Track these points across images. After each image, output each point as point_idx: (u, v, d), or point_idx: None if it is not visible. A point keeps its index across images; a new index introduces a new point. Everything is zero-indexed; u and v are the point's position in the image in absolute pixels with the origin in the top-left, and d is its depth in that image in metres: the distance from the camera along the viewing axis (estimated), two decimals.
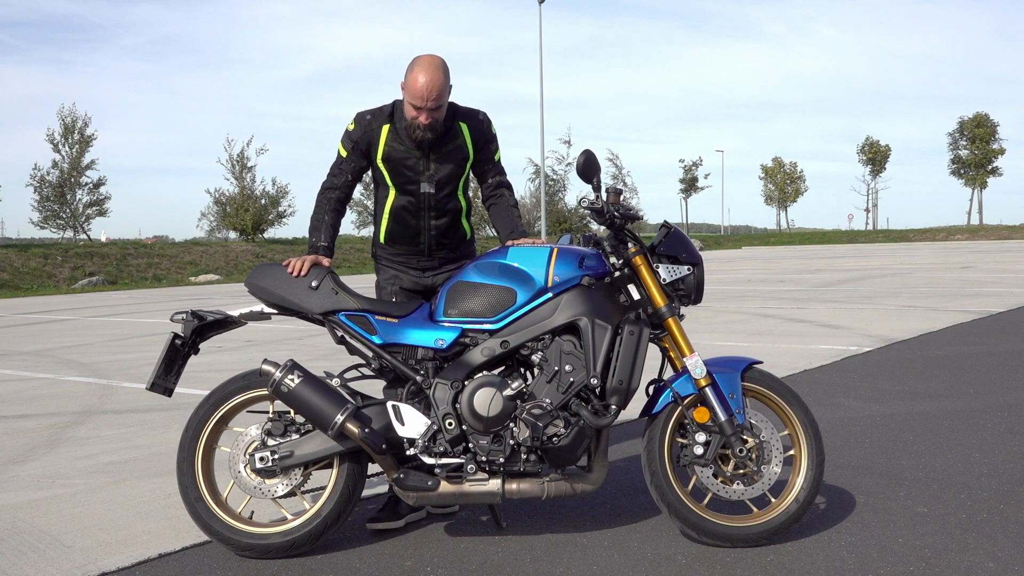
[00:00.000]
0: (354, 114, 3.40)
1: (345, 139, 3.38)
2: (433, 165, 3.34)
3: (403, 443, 3.03)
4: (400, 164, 3.35)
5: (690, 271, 3.14)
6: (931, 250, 36.78)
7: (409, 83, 3.21)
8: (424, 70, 3.19)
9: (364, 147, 3.36)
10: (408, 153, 3.33)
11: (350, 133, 3.37)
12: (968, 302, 11.93)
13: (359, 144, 3.36)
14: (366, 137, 3.35)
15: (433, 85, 3.18)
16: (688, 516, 3.03)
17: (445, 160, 3.36)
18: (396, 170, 3.36)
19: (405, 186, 3.37)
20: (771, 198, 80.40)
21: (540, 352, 3.03)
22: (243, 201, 34.84)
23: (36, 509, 3.67)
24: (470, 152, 3.41)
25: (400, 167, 3.35)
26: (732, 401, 3.03)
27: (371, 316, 3.13)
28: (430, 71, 3.20)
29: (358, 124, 3.36)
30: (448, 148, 3.36)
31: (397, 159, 3.34)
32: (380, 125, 3.34)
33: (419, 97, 3.18)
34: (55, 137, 35.15)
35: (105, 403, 6.12)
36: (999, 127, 71.96)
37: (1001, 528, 3.18)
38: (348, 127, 3.38)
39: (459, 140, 3.38)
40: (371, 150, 3.36)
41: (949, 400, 5.47)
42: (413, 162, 3.34)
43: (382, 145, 3.34)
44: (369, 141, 3.35)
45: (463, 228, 3.49)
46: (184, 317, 3.15)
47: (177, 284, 25.29)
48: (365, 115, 3.37)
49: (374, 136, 3.34)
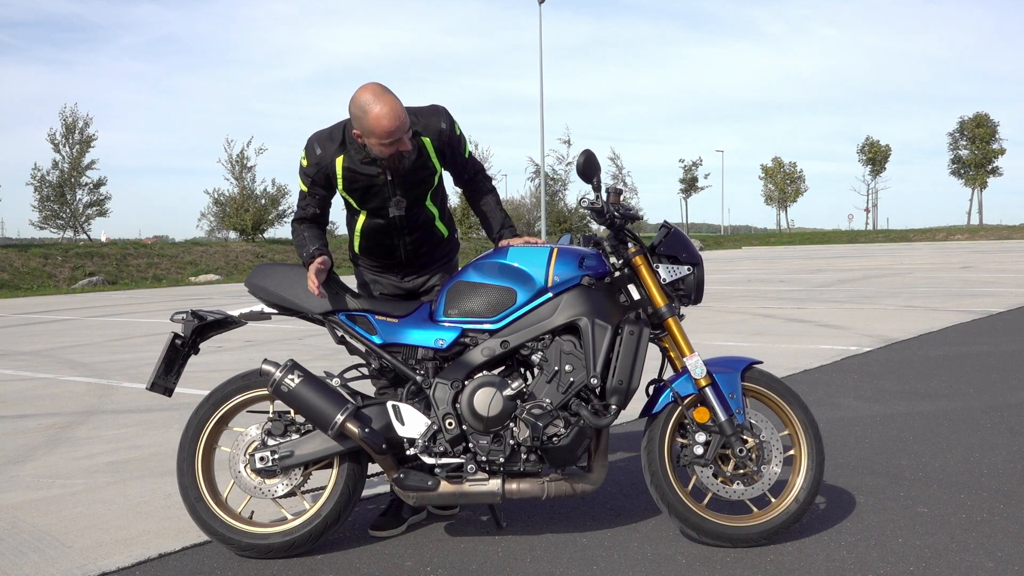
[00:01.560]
0: (304, 142, 3.18)
1: (301, 174, 3.20)
2: (399, 190, 3.18)
3: (403, 443, 3.03)
4: (364, 192, 3.19)
5: (690, 271, 3.14)
6: (931, 250, 36.77)
7: (372, 126, 2.95)
8: (379, 103, 2.94)
9: (322, 180, 3.18)
10: (370, 181, 3.15)
11: (304, 169, 3.18)
12: (968, 302, 11.93)
13: (316, 178, 3.17)
14: (322, 171, 3.15)
15: (396, 113, 2.95)
16: (688, 516, 3.03)
17: (410, 182, 3.19)
18: (362, 198, 3.21)
19: (374, 210, 3.24)
20: (771, 198, 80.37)
21: (540, 352, 3.03)
22: (243, 201, 34.85)
23: (36, 509, 3.67)
24: (436, 166, 3.22)
25: (365, 195, 3.20)
26: (732, 401, 3.03)
27: (371, 316, 3.13)
28: (384, 101, 2.94)
29: (309, 157, 3.15)
30: (412, 168, 3.16)
31: (360, 188, 3.18)
32: (333, 157, 3.13)
33: (391, 132, 2.96)
34: (56, 137, 35.17)
35: (105, 403, 6.12)
36: (999, 127, 71.94)
37: (1001, 528, 3.18)
38: (301, 160, 3.18)
39: (423, 157, 3.16)
40: (330, 181, 3.18)
41: (949, 400, 5.47)
42: (377, 189, 3.17)
43: (339, 177, 3.16)
44: (326, 174, 3.16)
45: (438, 232, 3.39)
46: (184, 317, 3.15)
47: (177, 284, 25.29)
48: (314, 147, 3.15)
49: (330, 169, 3.15)
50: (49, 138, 35.05)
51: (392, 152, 3.05)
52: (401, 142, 3.03)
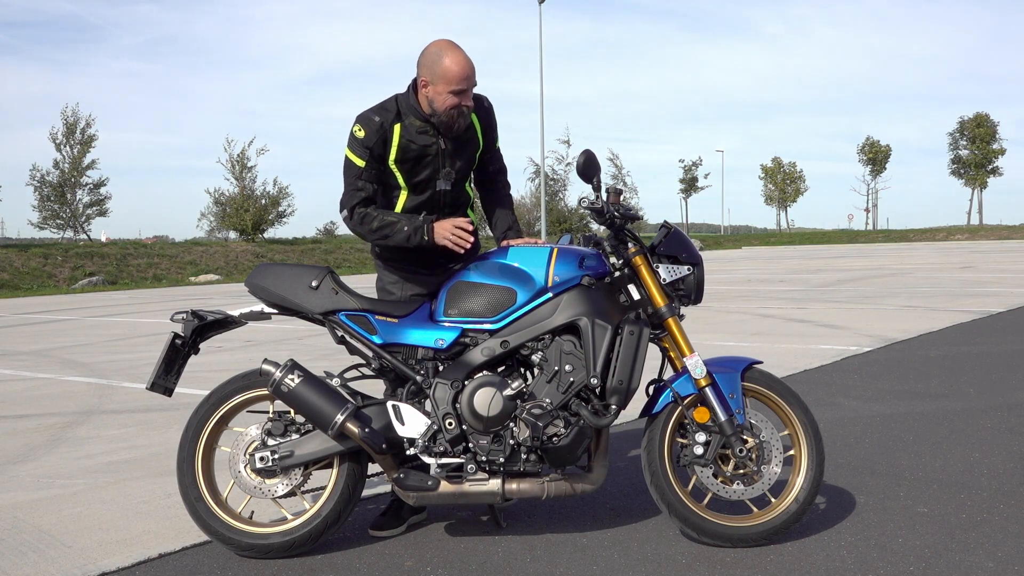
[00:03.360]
0: (355, 118, 3.17)
1: (357, 148, 3.13)
2: (449, 161, 3.23)
3: (403, 443, 3.03)
4: (417, 163, 3.18)
5: (690, 271, 3.14)
6: (931, 250, 36.77)
7: (444, 72, 3.05)
8: (450, 53, 3.07)
9: (380, 150, 3.13)
10: (424, 151, 3.17)
11: (362, 140, 3.11)
12: (968, 302, 11.93)
13: (375, 149, 3.12)
14: (380, 139, 3.12)
15: (469, 62, 3.09)
16: (688, 516, 3.03)
17: (460, 154, 3.24)
18: (412, 170, 3.20)
19: (420, 185, 3.23)
20: (771, 198, 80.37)
21: (540, 352, 3.03)
22: (243, 201, 34.84)
23: (36, 509, 3.67)
24: (480, 141, 3.31)
25: (417, 167, 3.20)
26: (732, 401, 3.03)
27: (371, 316, 3.13)
28: (457, 50, 3.09)
29: (367, 128, 3.12)
30: (464, 141, 3.24)
31: (413, 158, 3.17)
32: (391, 125, 3.13)
33: (462, 79, 3.05)
34: (58, 137, 35.17)
35: (105, 403, 6.12)
36: (999, 127, 71.95)
37: (1001, 528, 3.18)
38: (356, 133, 3.13)
39: (471, 131, 3.26)
40: (385, 151, 3.15)
41: (949, 400, 5.47)
42: (430, 159, 3.19)
43: (395, 147, 3.14)
44: (384, 140, 3.13)
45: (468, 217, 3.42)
46: (184, 317, 3.15)
47: (177, 284, 25.29)
48: (372, 116, 3.14)
49: (387, 137, 3.13)
50: (51, 137, 35.09)
51: (455, 104, 3.09)
52: (466, 95, 3.11)
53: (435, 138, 3.18)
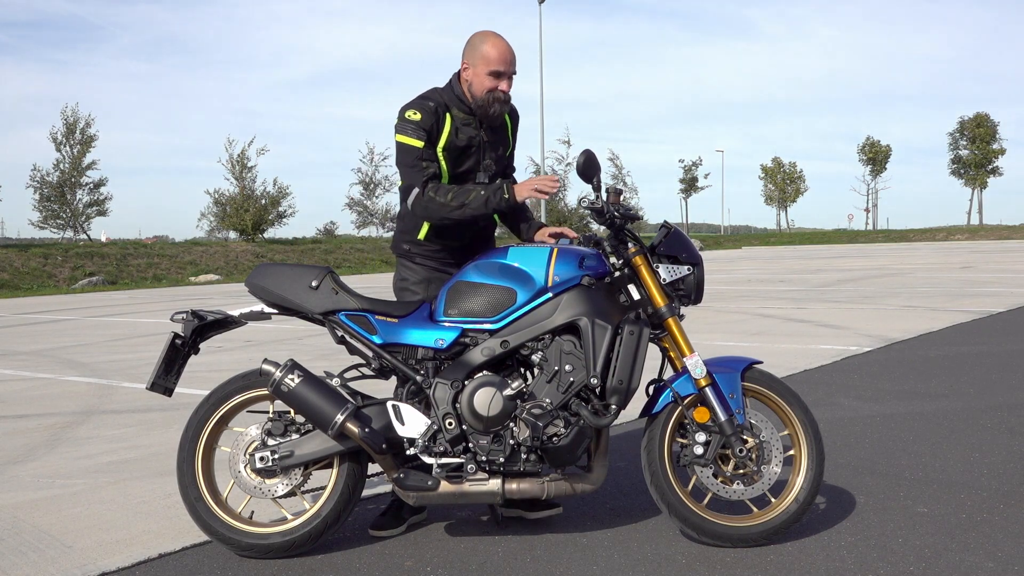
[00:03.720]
0: (402, 108, 3.20)
1: (414, 129, 3.17)
2: (488, 154, 3.32)
3: (403, 443, 3.03)
4: (462, 154, 3.26)
5: (690, 271, 3.14)
6: (931, 250, 36.77)
7: (483, 54, 3.18)
8: (492, 37, 3.20)
9: (434, 133, 3.19)
10: (469, 141, 3.26)
11: (419, 122, 3.16)
12: (968, 302, 11.93)
13: (431, 132, 3.17)
14: (435, 124, 3.19)
15: (507, 47, 3.20)
16: (687, 516, 3.03)
17: (496, 148, 3.36)
18: (456, 160, 3.26)
19: (462, 176, 3.29)
20: (771, 198, 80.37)
21: (540, 352, 3.03)
22: (243, 201, 34.83)
23: (36, 509, 3.67)
24: (510, 141, 3.45)
25: (461, 157, 3.27)
26: (732, 401, 3.02)
27: (371, 316, 3.13)
28: (498, 37, 3.21)
29: (423, 112, 3.17)
30: (499, 136, 3.37)
31: (460, 148, 3.25)
32: (444, 112, 3.22)
33: (502, 61, 3.18)
34: (58, 137, 35.14)
35: (105, 403, 6.12)
36: (999, 127, 71.97)
37: (1001, 528, 3.18)
38: (411, 116, 3.17)
39: (505, 129, 3.40)
40: (436, 138, 3.20)
41: (949, 400, 5.47)
42: (473, 151, 3.28)
43: (446, 134, 3.22)
44: (438, 128, 3.20)
45: (494, 219, 3.47)
46: (184, 317, 3.15)
47: (177, 284, 25.29)
48: (426, 101, 3.21)
49: (440, 123, 3.20)
50: (51, 137, 35.05)
51: (492, 87, 3.19)
52: (503, 80, 3.20)
53: (478, 130, 3.28)
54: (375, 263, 32.79)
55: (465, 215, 3.17)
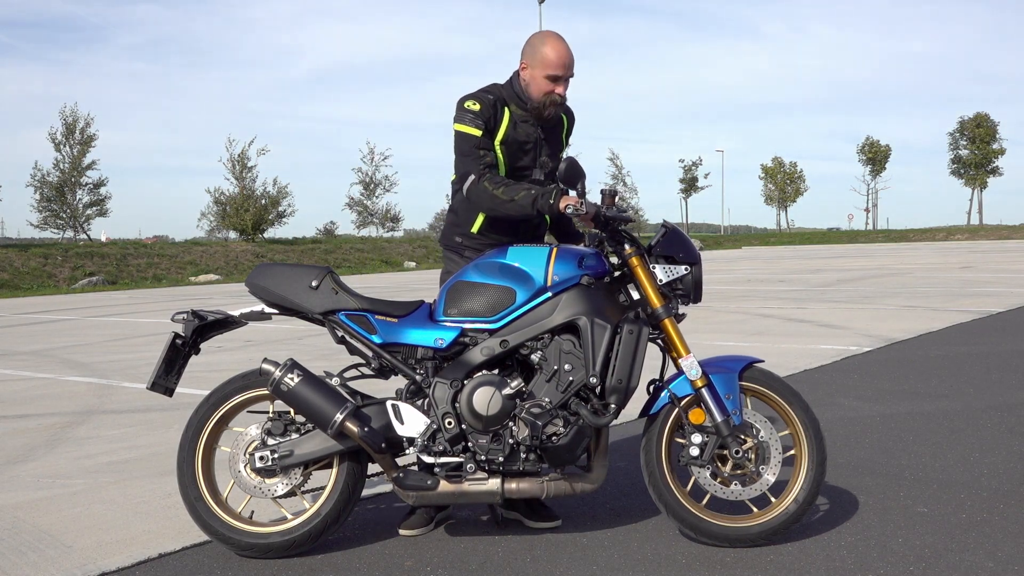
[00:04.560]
0: (461, 98, 3.24)
1: (472, 120, 3.21)
2: (545, 151, 3.34)
3: (402, 442, 3.03)
4: (519, 150, 3.30)
5: (687, 271, 3.11)
6: (931, 250, 36.76)
7: (543, 56, 3.19)
8: (552, 40, 3.21)
9: (493, 124, 3.23)
10: (527, 139, 3.30)
11: (477, 112, 3.20)
12: (968, 302, 11.93)
13: (488, 124, 3.21)
14: (493, 116, 3.23)
15: (567, 51, 3.21)
16: (685, 516, 3.02)
17: (552, 147, 3.38)
18: (514, 155, 3.30)
19: (519, 172, 3.32)
20: (771, 198, 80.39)
21: (539, 351, 3.02)
22: (243, 201, 34.83)
23: (36, 509, 3.67)
24: (564, 142, 3.47)
25: (519, 152, 3.30)
26: (728, 402, 3.01)
27: (371, 316, 3.13)
28: (557, 39, 3.22)
29: (482, 103, 3.21)
30: (554, 135, 3.39)
31: (518, 143, 3.28)
32: (503, 107, 3.26)
33: (561, 65, 3.19)
34: (57, 136, 35.11)
35: (105, 403, 6.12)
36: (999, 127, 72.00)
37: (1001, 528, 3.18)
38: (469, 107, 3.21)
39: (559, 129, 3.42)
40: (494, 130, 3.24)
41: (949, 400, 5.47)
42: (530, 147, 3.32)
43: (504, 128, 3.26)
44: (496, 121, 3.24)
45: (546, 220, 3.47)
46: (185, 317, 3.15)
47: (177, 284, 25.29)
48: (486, 95, 3.25)
49: (498, 117, 3.25)
50: (50, 137, 35.02)
51: (549, 90, 3.22)
52: (560, 83, 3.22)
53: (536, 128, 3.30)
54: (375, 263, 32.80)
55: (512, 211, 3.18)
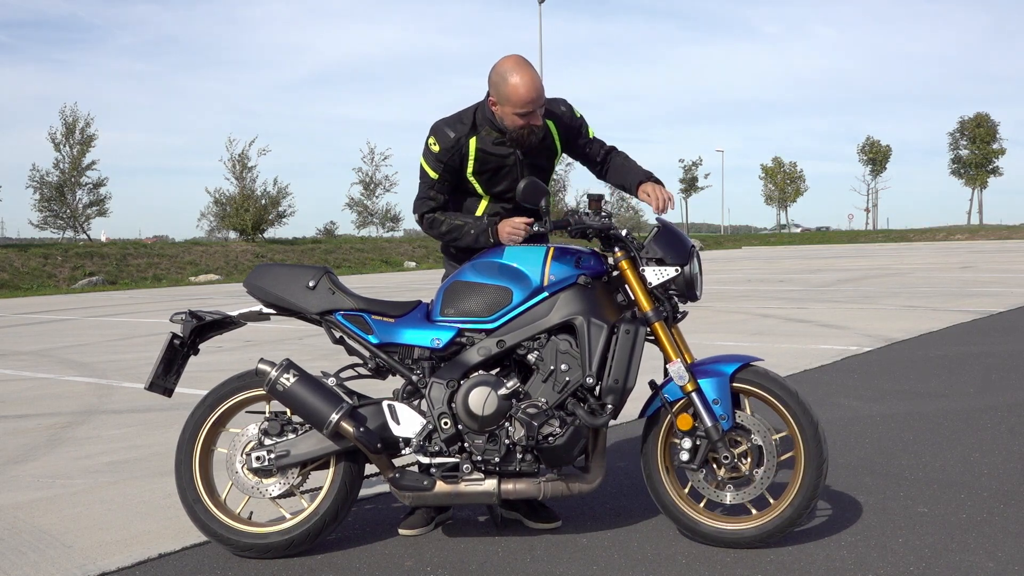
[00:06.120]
0: (431, 127, 3.24)
1: (431, 160, 3.23)
2: (527, 170, 3.28)
3: (399, 442, 3.03)
4: (495, 174, 3.27)
5: (678, 272, 3.05)
6: (931, 250, 36.76)
7: (508, 93, 3.08)
8: (516, 75, 3.08)
9: (456, 163, 3.23)
10: (501, 162, 3.25)
11: (437, 154, 3.21)
12: (968, 302, 11.92)
13: (449, 163, 3.22)
14: (456, 153, 3.21)
15: (535, 84, 3.09)
16: (682, 518, 3.02)
17: (537, 163, 3.31)
18: (490, 180, 3.28)
19: (500, 194, 3.31)
20: (771, 198, 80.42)
21: (536, 351, 3.02)
22: (243, 201, 34.81)
23: (36, 509, 3.66)
24: (558, 148, 3.39)
25: (495, 177, 3.27)
26: (717, 407, 2.96)
27: (368, 316, 3.13)
28: (524, 70, 3.09)
29: (442, 142, 3.20)
30: (540, 148, 3.29)
31: (491, 169, 3.25)
32: (467, 139, 3.21)
33: (528, 102, 3.09)
34: (57, 136, 35.07)
35: (105, 403, 6.11)
36: (999, 127, 72.07)
37: (1001, 528, 3.17)
38: (430, 146, 3.22)
39: (548, 139, 3.32)
40: (462, 164, 3.24)
41: (949, 400, 5.46)
42: (507, 170, 3.27)
43: (472, 159, 3.23)
44: (460, 155, 3.22)
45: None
46: (183, 317, 3.15)
47: (177, 284, 25.29)
48: (446, 131, 3.21)
49: (464, 151, 3.22)
50: (50, 137, 34.98)
51: (523, 124, 3.15)
52: (534, 116, 3.15)
53: (512, 149, 3.25)
54: (375, 263, 32.79)
55: (460, 245, 3.29)
